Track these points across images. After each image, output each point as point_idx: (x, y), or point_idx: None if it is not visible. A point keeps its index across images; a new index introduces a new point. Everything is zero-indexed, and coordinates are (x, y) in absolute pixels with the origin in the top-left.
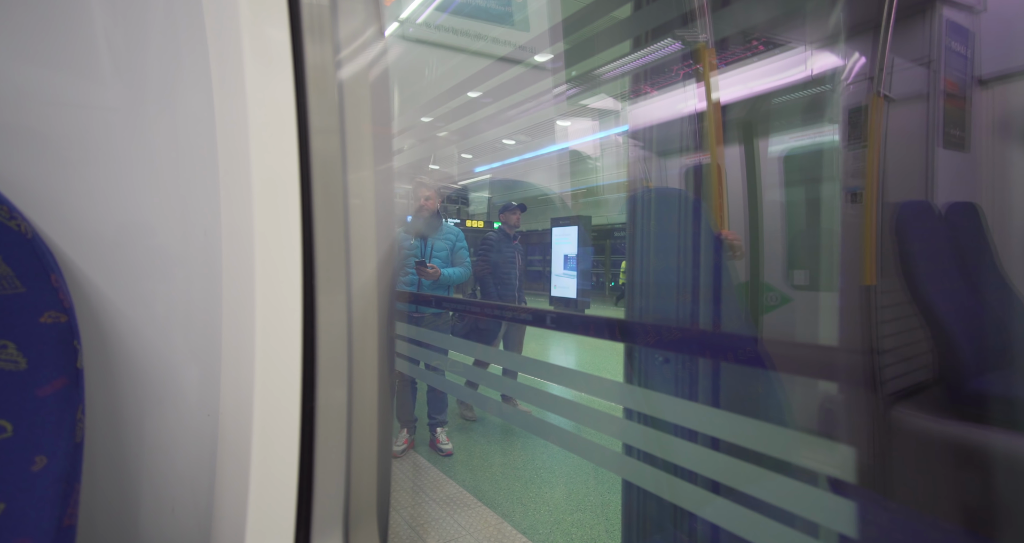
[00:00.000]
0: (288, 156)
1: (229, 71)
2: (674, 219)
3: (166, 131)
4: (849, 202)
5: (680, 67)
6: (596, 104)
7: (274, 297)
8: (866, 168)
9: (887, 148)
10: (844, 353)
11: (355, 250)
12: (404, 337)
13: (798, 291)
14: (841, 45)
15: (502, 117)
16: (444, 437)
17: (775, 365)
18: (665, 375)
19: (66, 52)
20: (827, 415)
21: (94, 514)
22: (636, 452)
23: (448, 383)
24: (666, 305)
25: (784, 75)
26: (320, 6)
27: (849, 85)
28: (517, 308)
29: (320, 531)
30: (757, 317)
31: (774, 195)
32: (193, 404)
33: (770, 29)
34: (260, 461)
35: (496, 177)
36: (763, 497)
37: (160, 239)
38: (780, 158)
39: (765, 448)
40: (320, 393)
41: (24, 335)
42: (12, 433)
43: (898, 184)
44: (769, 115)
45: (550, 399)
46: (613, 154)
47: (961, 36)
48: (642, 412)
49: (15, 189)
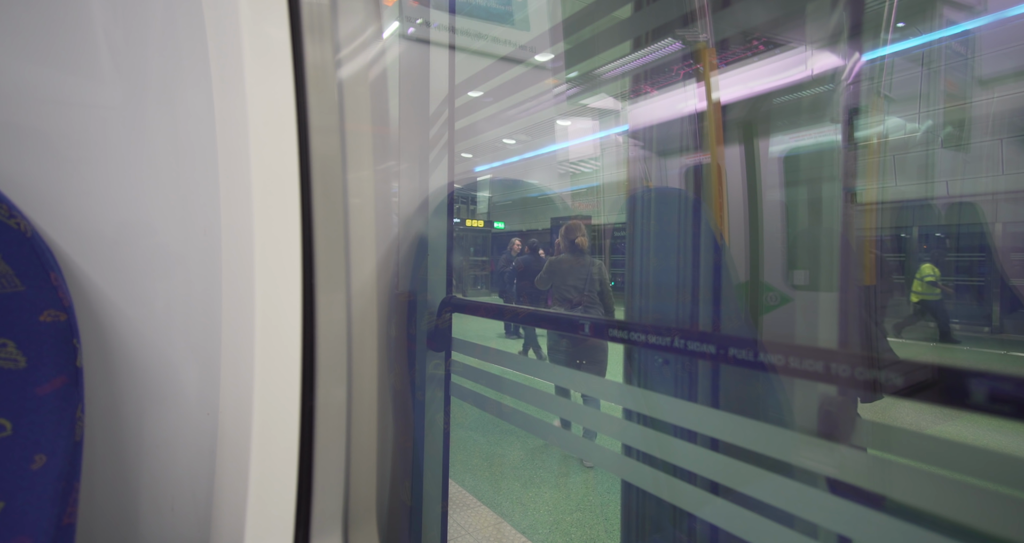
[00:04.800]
0: (288, 155)
1: (229, 70)
2: (674, 219)
3: (166, 130)
4: (850, 202)
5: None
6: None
7: (274, 296)
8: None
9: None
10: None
11: (355, 250)
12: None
13: (798, 291)
14: (842, 45)
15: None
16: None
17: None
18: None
19: (66, 51)
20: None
21: (94, 512)
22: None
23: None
24: (666, 305)
25: (784, 75)
26: (320, 6)
27: (849, 85)
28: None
29: (319, 529)
30: (757, 317)
31: (774, 195)
32: (193, 403)
33: (770, 29)
34: (260, 459)
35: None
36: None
37: (160, 238)
38: (780, 158)
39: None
40: (320, 392)
41: (23, 334)
42: (12, 432)
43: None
44: (769, 115)
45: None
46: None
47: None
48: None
49: (15, 187)
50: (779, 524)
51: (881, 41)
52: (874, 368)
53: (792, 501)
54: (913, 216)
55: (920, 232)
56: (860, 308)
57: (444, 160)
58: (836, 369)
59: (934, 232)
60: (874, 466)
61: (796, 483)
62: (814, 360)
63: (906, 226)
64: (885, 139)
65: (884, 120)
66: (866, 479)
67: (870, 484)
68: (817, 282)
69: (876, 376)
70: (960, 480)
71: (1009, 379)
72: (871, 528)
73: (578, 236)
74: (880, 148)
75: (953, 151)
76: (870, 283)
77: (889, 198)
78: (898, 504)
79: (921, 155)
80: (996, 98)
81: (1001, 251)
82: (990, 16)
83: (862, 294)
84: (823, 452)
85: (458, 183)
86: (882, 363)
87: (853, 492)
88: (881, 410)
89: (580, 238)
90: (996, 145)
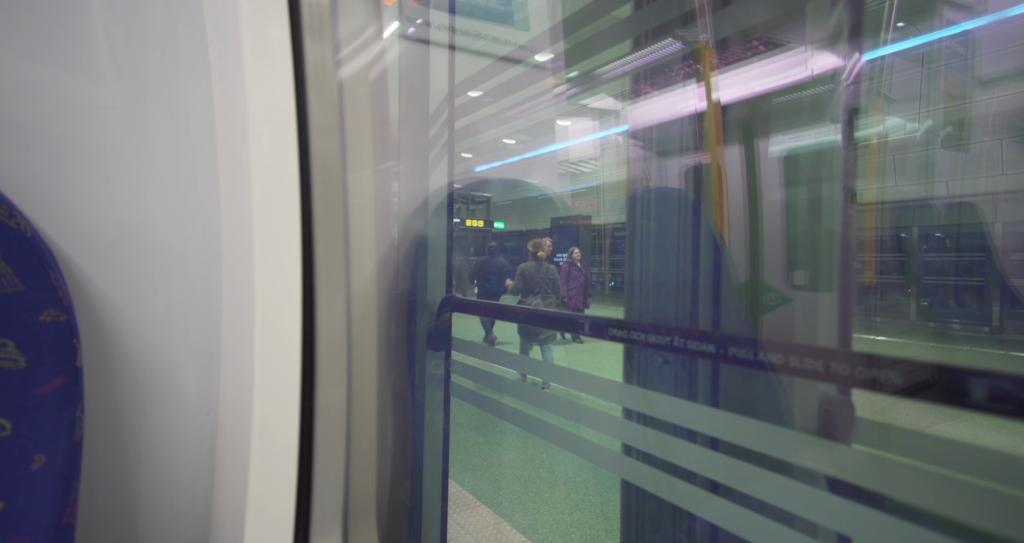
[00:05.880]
0: (288, 155)
1: (229, 70)
2: (674, 219)
3: (166, 130)
4: (849, 202)
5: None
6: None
7: (274, 296)
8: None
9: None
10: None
11: (355, 250)
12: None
13: (798, 291)
14: (842, 45)
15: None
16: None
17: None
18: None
19: (66, 51)
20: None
21: (93, 512)
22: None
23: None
24: (666, 305)
25: (784, 75)
26: (320, 6)
27: (849, 85)
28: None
29: (319, 529)
30: (756, 317)
31: (774, 195)
32: (192, 403)
33: (770, 29)
34: (259, 459)
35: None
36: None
37: (160, 238)
38: (780, 158)
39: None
40: (319, 392)
41: (23, 333)
42: (11, 432)
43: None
44: (769, 115)
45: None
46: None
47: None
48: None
49: (14, 187)
50: (776, 522)
51: (881, 41)
52: (873, 367)
53: (788, 498)
54: (913, 216)
55: (920, 232)
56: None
57: (444, 160)
58: (835, 369)
59: (934, 232)
60: (869, 463)
61: (792, 481)
62: (813, 359)
63: (906, 226)
64: (885, 139)
65: (884, 120)
66: (860, 476)
67: (865, 481)
68: (817, 282)
69: (876, 375)
70: (950, 476)
71: (1009, 378)
72: (866, 525)
73: (540, 250)
74: (880, 148)
75: (953, 151)
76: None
77: (889, 198)
78: (894, 502)
79: (921, 155)
80: (996, 98)
81: (1001, 251)
82: (990, 16)
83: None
84: (819, 450)
85: (458, 183)
86: (881, 362)
87: (848, 489)
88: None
89: (541, 252)
90: (996, 145)
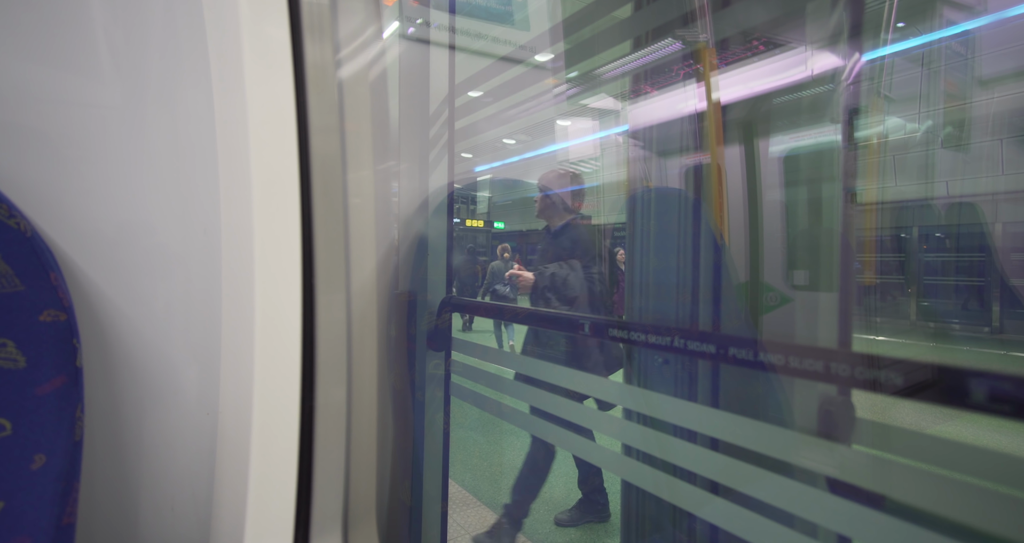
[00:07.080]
0: (288, 155)
1: (229, 70)
2: (674, 219)
3: (166, 130)
4: (849, 202)
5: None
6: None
7: (274, 296)
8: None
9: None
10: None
11: (355, 250)
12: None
13: (798, 291)
14: (842, 45)
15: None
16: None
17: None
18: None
19: (66, 50)
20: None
21: (93, 512)
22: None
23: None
24: (667, 305)
25: (784, 75)
26: (320, 6)
27: (849, 85)
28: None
29: (319, 530)
30: (756, 317)
31: (774, 195)
32: (192, 403)
33: (770, 29)
34: (259, 460)
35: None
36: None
37: (160, 237)
38: (780, 158)
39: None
40: (319, 392)
41: (23, 333)
42: (11, 431)
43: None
44: (769, 115)
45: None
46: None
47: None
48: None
49: (14, 187)
50: (776, 522)
51: (881, 41)
52: (873, 367)
53: (788, 498)
54: (913, 216)
55: (920, 232)
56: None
57: (444, 160)
58: (835, 369)
59: (934, 232)
60: (869, 464)
61: (792, 481)
62: (814, 360)
63: (906, 226)
64: (885, 139)
65: (884, 120)
66: (860, 477)
67: (865, 482)
68: (817, 282)
69: (876, 376)
70: (950, 476)
71: (1009, 378)
72: (866, 526)
73: (504, 253)
74: (880, 148)
75: (953, 151)
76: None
77: (889, 198)
78: (894, 502)
79: (921, 155)
80: (996, 98)
81: (1001, 251)
82: (990, 16)
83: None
84: (819, 450)
85: (458, 183)
86: (880, 362)
87: (848, 490)
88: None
89: (506, 254)
90: (996, 145)
